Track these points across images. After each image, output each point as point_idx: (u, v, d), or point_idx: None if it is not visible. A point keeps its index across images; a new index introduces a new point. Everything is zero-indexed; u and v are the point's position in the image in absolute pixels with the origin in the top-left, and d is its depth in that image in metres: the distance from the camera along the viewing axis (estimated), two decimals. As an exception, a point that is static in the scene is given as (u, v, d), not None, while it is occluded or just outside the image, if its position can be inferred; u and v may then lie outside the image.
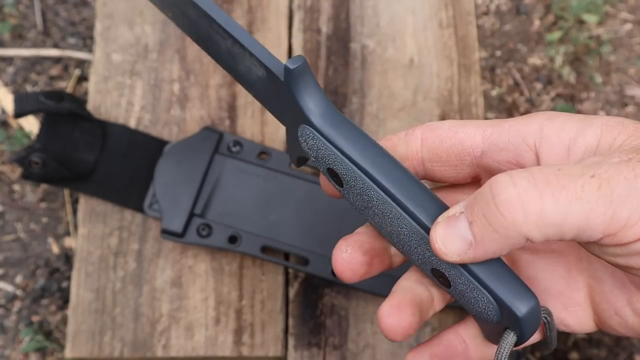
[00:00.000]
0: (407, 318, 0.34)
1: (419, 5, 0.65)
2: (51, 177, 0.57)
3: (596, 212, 0.28)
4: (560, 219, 0.28)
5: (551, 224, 0.29)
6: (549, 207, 0.28)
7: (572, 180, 0.29)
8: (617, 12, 0.83)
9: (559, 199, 0.28)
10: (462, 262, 0.31)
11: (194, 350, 0.56)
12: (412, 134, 0.36)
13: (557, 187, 0.29)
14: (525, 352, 0.44)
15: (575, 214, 0.28)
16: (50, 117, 0.58)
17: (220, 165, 0.58)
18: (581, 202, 0.28)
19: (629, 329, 0.35)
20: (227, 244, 0.56)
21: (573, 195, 0.28)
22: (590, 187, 0.28)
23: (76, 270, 0.58)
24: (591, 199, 0.28)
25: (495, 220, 0.29)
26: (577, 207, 0.28)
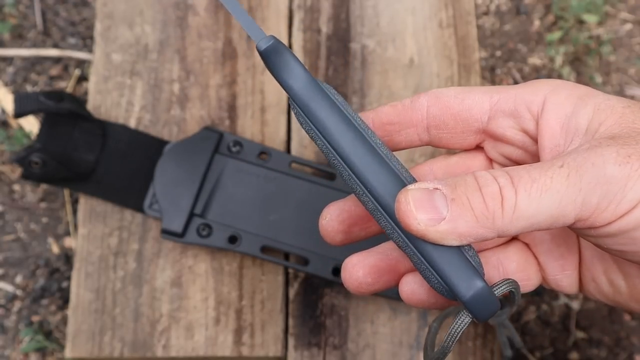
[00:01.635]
0: (358, 277, 0.37)
1: (419, 5, 0.65)
2: (51, 177, 0.57)
3: (567, 200, 0.29)
4: (532, 212, 0.30)
5: (524, 218, 0.30)
6: (521, 202, 0.29)
7: (542, 172, 0.30)
8: (617, 12, 0.83)
9: (530, 193, 0.29)
10: (423, 233, 0.31)
11: (194, 350, 0.56)
12: (417, 101, 0.37)
13: (529, 181, 0.30)
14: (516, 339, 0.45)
15: (546, 204, 0.29)
16: (50, 117, 0.58)
17: (220, 165, 0.58)
18: (551, 192, 0.29)
19: (603, 295, 0.37)
20: (227, 244, 0.56)
21: (543, 187, 0.29)
22: (560, 177, 0.29)
23: (76, 270, 0.58)
24: (561, 188, 0.29)
25: (479, 208, 0.30)
26: (547, 198, 0.29)
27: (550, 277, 0.38)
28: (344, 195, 0.57)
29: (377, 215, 0.34)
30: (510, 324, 0.43)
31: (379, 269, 0.37)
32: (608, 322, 0.71)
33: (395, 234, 0.34)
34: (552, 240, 0.38)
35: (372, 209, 0.34)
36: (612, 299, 0.37)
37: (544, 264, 0.38)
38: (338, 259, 0.56)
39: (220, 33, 0.64)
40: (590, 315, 0.71)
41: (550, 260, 0.38)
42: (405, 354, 0.56)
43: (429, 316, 0.56)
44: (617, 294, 0.37)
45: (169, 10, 0.64)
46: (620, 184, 0.29)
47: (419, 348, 0.56)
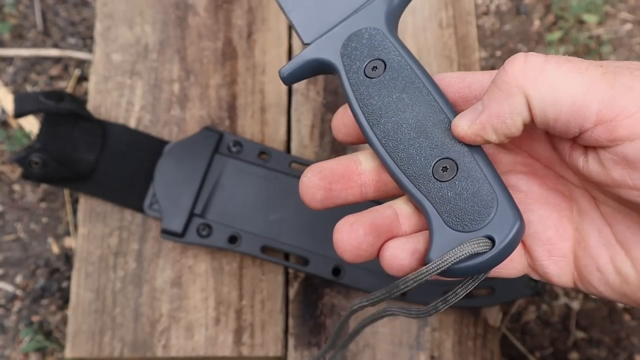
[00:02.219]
0: (359, 236, 0.35)
1: (419, 5, 0.65)
2: (51, 177, 0.57)
3: (595, 91, 0.29)
4: (559, 85, 0.29)
5: (548, 87, 0.29)
6: (550, 70, 0.29)
7: (579, 61, 0.30)
8: (617, 12, 0.83)
9: (561, 67, 0.29)
10: (468, 133, 0.33)
11: (194, 350, 0.56)
12: None
13: (563, 60, 0.30)
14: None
15: (574, 85, 0.29)
16: (50, 117, 0.58)
17: (220, 165, 0.58)
18: (583, 76, 0.29)
19: (608, 286, 0.35)
20: (227, 244, 0.56)
21: (576, 69, 0.29)
22: (596, 70, 0.29)
23: (76, 270, 0.58)
24: (594, 77, 0.29)
25: (500, 79, 0.31)
26: (578, 80, 0.29)
27: (537, 262, 0.36)
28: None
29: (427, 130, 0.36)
30: None
31: (378, 228, 0.36)
32: (608, 322, 0.71)
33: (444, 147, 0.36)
34: (540, 222, 0.36)
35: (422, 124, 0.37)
36: (619, 290, 0.35)
37: (530, 248, 0.37)
38: (338, 259, 0.56)
39: (220, 33, 0.64)
40: (591, 315, 0.71)
41: (536, 243, 0.36)
42: (405, 354, 0.56)
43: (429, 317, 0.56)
44: (624, 283, 0.35)
45: (169, 10, 0.64)
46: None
47: (419, 348, 0.56)
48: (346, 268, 0.55)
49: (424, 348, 0.56)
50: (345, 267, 0.55)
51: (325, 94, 0.62)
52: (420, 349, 0.56)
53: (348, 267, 0.55)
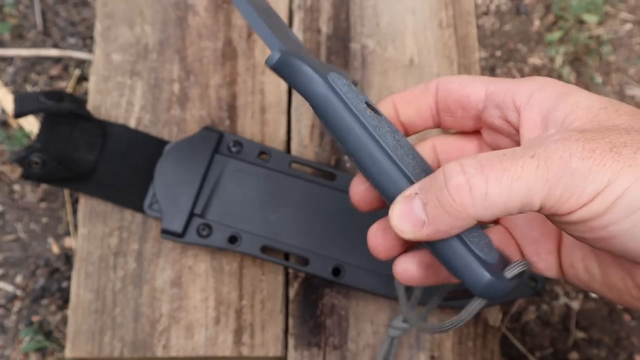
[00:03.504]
0: (391, 240, 0.38)
1: (419, 5, 0.65)
2: (51, 177, 0.57)
3: (534, 190, 0.32)
4: (504, 199, 0.32)
5: (496, 205, 0.32)
6: (493, 190, 0.32)
7: (514, 162, 0.32)
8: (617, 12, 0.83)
9: (501, 182, 0.32)
10: (416, 239, 0.34)
11: (194, 350, 0.56)
12: (429, 86, 0.41)
13: (500, 170, 0.32)
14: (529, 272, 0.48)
15: (516, 193, 0.32)
16: (50, 117, 0.58)
17: (220, 165, 0.58)
18: (521, 181, 0.31)
19: (579, 280, 0.39)
20: (227, 244, 0.56)
21: (514, 176, 0.32)
22: (530, 167, 0.32)
23: (76, 270, 0.58)
24: (530, 178, 0.32)
25: (447, 204, 0.32)
26: (517, 187, 0.32)
27: (528, 259, 0.40)
28: (344, 195, 0.57)
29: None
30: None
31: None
32: (608, 322, 0.71)
33: None
34: (526, 225, 0.40)
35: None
36: (588, 285, 0.39)
37: (521, 246, 0.41)
38: (338, 259, 0.56)
39: (220, 33, 0.64)
40: (590, 316, 0.71)
41: (525, 243, 0.40)
42: (405, 354, 0.56)
43: (429, 316, 0.56)
44: (592, 280, 0.38)
45: (169, 10, 0.64)
46: (582, 177, 0.31)
47: (419, 348, 0.56)
48: (346, 268, 0.55)
49: (424, 348, 0.56)
50: (345, 267, 0.55)
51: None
52: (420, 349, 0.56)
53: (348, 267, 0.56)
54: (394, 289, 0.56)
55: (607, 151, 0.32)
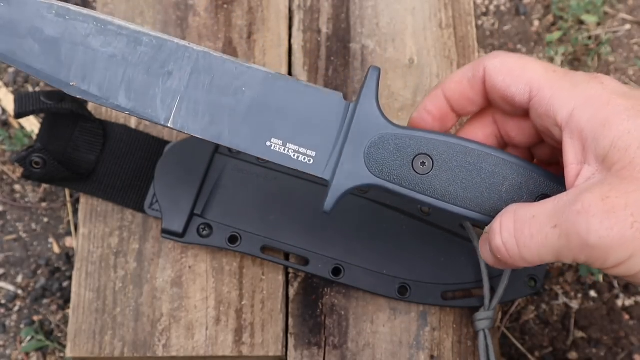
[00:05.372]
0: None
1: (418, 5, 0.65)
2: (52, 177, 0.57)
3: (561, 254, 0.36)
4: (537, 259, 0.37)
5: (531, 260, 0.37)
6: (525, 253, 0.37)
7: (540, 230, 0.36)
8: (616, 12, 0.83)
9: (531, 247, 0.37)
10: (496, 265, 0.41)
11: (194, 350, 0.56)
12: (477, 75, 0.43)
13: (528, 237, 0.37)
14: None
15: (545, 256, 0.37)
16: (51, 117, 0.58)
17: (220, 165, 0.58)
18: (547, 248, 0.36)
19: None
20: (227, 244, 0.56)
21: (540, 244, 0.36)
22: (553, 237, 0.36)
23: (77, 269, 0.58)
24: (554, 246, 0.36)
25: (492, 257, 0.40)
26: (545, 252, 0.36)
27: None
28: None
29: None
30: None
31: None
32: (607, 321, 0.71)
33: None
34: None
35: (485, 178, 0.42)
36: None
37: None
38: (338, 259, 0.56)
39: (221, 34, 0.64)
40: (590, 315, 0.71)
41: None
42: (405, 353, 0.56)
43: (429, 316, 0.56)
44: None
45: (169, 10, 0.64)
46: (602, 252, 0.34)
47: (419, 348, 0.56)
48: (346, 268, 0.56)
49: (423, 348, 0.56)
50: (345, 267, 0.56)
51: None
52: (420, 348, 0.56)
53: (348, 267, 0.56)
54: (393, 289, 0.56)
55: (628, 228, 0.33)
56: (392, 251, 0.56)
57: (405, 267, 0.56)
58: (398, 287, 0.56)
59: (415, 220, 0.57)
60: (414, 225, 0.57)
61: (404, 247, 0.56)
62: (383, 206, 0.57)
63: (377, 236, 0.56)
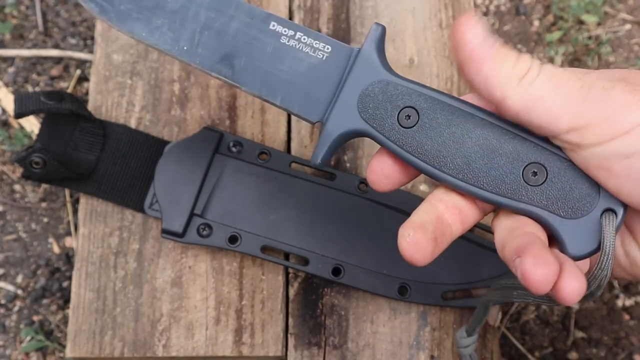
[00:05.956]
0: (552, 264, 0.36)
1: (418, 5, 0.65)
2: (52, 177, 0.57)
3: (570, 103, 0.33)
4: (543, 94, 0.34)
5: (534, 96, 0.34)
6: (539, 80, 0.34)
7: (564, 74, 0.34)
8: (616, 12, 0.83)
9: (549, 79, 0.34)
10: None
11: (194, 350, 0.56)
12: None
13: (551, 72, 0.34)
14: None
15: (555, 96, 0.34)
16: (51, 117, 0.58)
17: (220, 165, 0.58)
18: (563, 89, 0.34)
19: (621, 268, 0.39)
20: (227, 244, 0.56)
21: (560, 82, 0.34)
22: (574, 84, 0.34)
23: (77, 270, 0.58)
24: (571, 91, 0.34)
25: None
26: (559, 92, 0.34)
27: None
28: (344, 195, 0.57)
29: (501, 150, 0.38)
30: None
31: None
32: (607, 321, 0.71)
33: (532, 153, 0.38)
34: None
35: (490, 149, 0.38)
36: (630, 272, 0.39)
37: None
38: (338, 259, 0.56)
39: (221, 33, 0.64)
40: (590, 315, 0.71)
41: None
42: (405, 353, 0.56)
43: (429, 316, 0.56)
44: (633, 266, 0.38)
45: (169, 10, 0.64)
46: (621, 105, 0.32)
47: (419, 348, 0.56)
48: (346, 268, 0.56)
49: (423, 348, 0.56)
50: (345, 267, 0.56)
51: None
52: (420, 348, 0.56)
53: (348, 267, 0.56)
54: (393, 289, 0.56)
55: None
56: (392, 251, 0.56)
57: (405, 267, 0.56)
58: (398, 287, 0.56)
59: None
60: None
61: (404, 247, 0.56)
62: (383, 206, 0.57)
63: (377, 236, 0.56)
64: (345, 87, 0.40)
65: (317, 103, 0.41)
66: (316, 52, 0.41)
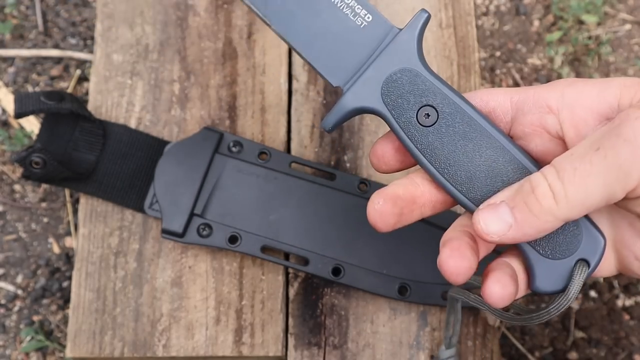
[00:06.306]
0: (468, 259, 0.38)
1: (418, 5, 0.65)
2: (52, 177, 0.57)
3: (610, 179, 0.33)
4: (583, 196, 0.33)
5: (578, 203, 0.33)
6: (570, 191, 0.33)
7: (581, 159, 0.33)
8: (616, 12, 0.83)
9: (574, 181, 0.33)
10: (501, 242, 0.35)
11: (194, 350, 0.56)
12: None
13: (571, 171, 0.33)
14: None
15: (593, 187, 0.33)
16: (51, 117, 0.58)
17: (220, 165, 0.58)
18: (594, 176, 0.33)
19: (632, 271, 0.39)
20: (227, 244, 0.56)
21: (585, 173, 0.33)
22: (598, 159, 0.32)
23: (77, 270, 0.58)
24: (602, 170, 0.32)
25: (535, 208, 0.34)
26: (592, 183, 0.33)
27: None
28: (344, 195, 0.57)
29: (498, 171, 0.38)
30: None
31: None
32: (607, 322, 0.71)
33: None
34: None
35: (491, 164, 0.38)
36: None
37: None
38: (338, 259, 0.56)
39: (221, 33, 0.64)
40: (590, 315, 0.71)
41: None
42: (405, 353, 0.56)
43: (429, 316, 0.56)
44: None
45: (169, 10, 0.64)
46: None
47: (419, 348, 0.56)
48: (346, 268, 0.56)
49: (423, 348, 0.56)
50: (345, 267, 0.56)
51: (325, 94, 0.62)
52: (420, 348, 0.56)
53: (348, 267, 0.56)
54: (393, 289, 0.56)
55: None
56: (392, 251, 0.56)
57: (405, 267, 0.56)
58: (398, 287, 0.56)
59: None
60: (414, 225, 0.57)
61: (404, 247, 0.56)
62: (383, 206, 0.57)
63: (377, 236, 0.56)
64: (375, 63, 0.39)
65: (343, 68, 0.40)
66: (356, 17, 0.40)
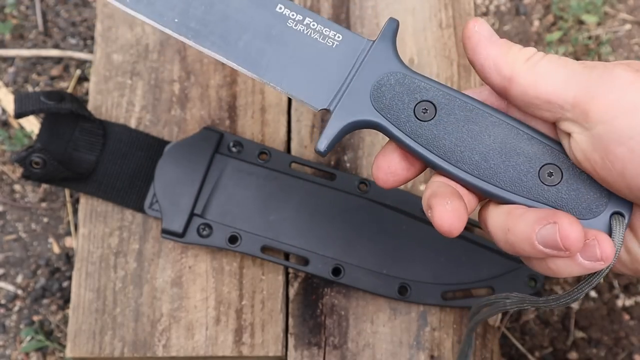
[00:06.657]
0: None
1: (418, 5, 0.65)
2: (52, 177, 0.57)
3: (574, 80, 0.35)
4: (549, 73, 0.36)
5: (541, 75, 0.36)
6: (545, 62, 0.36)
7: (566, 59, 0.36)
8: (616, 12, 0.83)
9: (552, 61, 0.36)
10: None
11: (194, 350, 0.56)
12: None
13: (555, 57, 0.36)
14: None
15: (559, 75, 0.35)
16: (51, 117, 0.58)
17: (220, 165, 0.58)
18: (566, 69, 0.35)
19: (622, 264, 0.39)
20: (227, 244, 0.56)
21: (562, 62, 0.36)
22: (576, 65, 0.36)
23: (77, 270, 0.58)
24: (574, 68, 0.35)
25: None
26: (562, 71, 0.35)
27: None
28: (344, 196, 0.57)
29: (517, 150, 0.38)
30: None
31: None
32: (607, 321, 0.71)
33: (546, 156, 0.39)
34: None
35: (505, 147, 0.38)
36: (631, 267, 0.39)
37: None
38: (338, 259, 0.56)
39: (221, 33, 0.64)
40: (590, 315, 0.71)
41: None
42: (405, 353, 0.56)
43: (429, 316, 0.56)
44: (634, 262, 0.39)
45: (169, 10, 0.64)
46: (625, 81, 0.33)
47: (419, 348, 0.56)
48: (346, 268, 0.56)
49: (423, 348, 0.56)
50: (345, 267, 0.56)
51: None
52: (420, 348, 0.56)
53: (348, 267, 0.56)
54: (393, 289, 0.56)
55: None
56: (392, 251, 0.56)
57: (405, 267, 0.56)
58: (398, 287, 0.56)
59: (415, 220, 0.57)
60: (414, 225, 0.57)
61: (404, 247, 0.56)
62: (383, 206, 0.57)
63: (377, 236, 0.56)
64: (357, 75, 0.39)
65: (324, 90, 0.40)
66: (326, 39, 0.40)
